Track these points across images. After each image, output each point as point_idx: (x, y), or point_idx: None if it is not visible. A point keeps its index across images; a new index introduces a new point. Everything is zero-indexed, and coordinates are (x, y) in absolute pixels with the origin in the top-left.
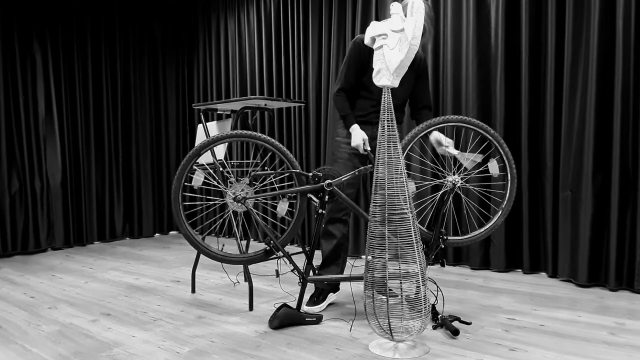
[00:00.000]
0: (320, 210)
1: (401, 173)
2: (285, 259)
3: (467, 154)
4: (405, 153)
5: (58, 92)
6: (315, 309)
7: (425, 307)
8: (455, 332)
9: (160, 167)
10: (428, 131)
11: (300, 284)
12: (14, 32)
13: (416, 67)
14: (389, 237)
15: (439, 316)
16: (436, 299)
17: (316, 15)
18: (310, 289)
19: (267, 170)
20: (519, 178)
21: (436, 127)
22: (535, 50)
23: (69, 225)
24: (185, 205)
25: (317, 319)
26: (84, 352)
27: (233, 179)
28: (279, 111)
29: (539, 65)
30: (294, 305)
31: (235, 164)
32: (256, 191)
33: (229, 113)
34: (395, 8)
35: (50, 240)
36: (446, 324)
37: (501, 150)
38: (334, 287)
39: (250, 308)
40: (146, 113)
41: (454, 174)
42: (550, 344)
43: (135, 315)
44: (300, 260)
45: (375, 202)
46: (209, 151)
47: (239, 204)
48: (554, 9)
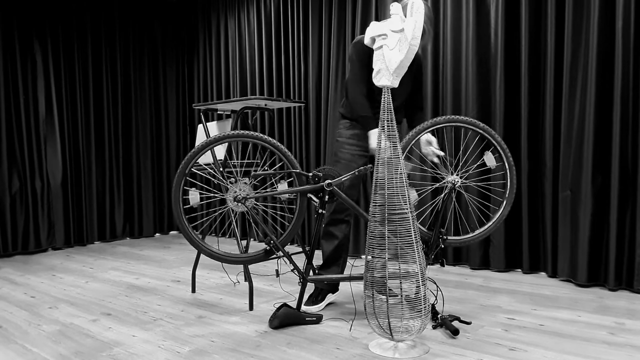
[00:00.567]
0: (320, 210)
1: (401, 173)
2: (285, 258)
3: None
4: (405, 153)
5: (58, 92)
6: (313, 309)
7: (425, 307)
8: (455, 332)
9: (160, 167)
10: (428, 131)
11: (300, 283)
12: (14, 32)
13: (415, 69)
14: (388, 237)
15: (439, 316)
16: (436, 299)
17: (316, 15)
18: (309, 288)
19: (267, 170)
20: (518, 178)
21: (436, 127)
22: (535, 50)
23: (69, 225)
24: (185, 205)
25: (317, 319)
26: (85, 352)
27: (233, 179)
28: (279, 111)
29: (539, 65)
30: (294, 305)
31: (235, 164)
32: (256, 191)
33: (229, 113)
34: (395, 8)
35: (51, 240)
36: (446, 324)
37: (494, 142)
38: (333, 288)
39: (251, 308)
40: (146, 113)
41: (453, 174)
42: (550, 344)
43: (135, 315)
44: (300, 260)
45: (375, 202)
46: (209, 151)
47: (239, 204)
48: (553, 9)
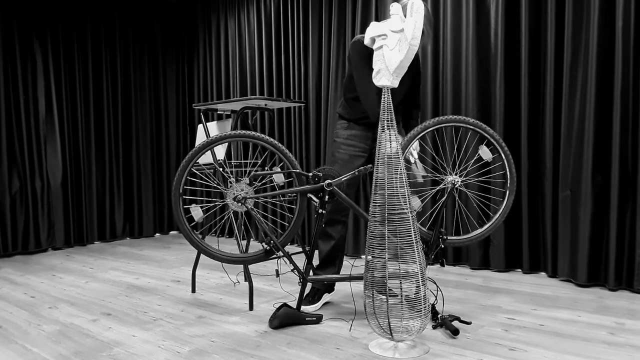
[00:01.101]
0: (320, 210)
1: (401, 173)
2: (285, 258)
3: (420, 165)
4: (405, 154)
5: (58, 92)
6: (310, 309)
7: (425, 307)
8: (455, 332)
9: (160, 167)
10: (428, 131)
11: (300, 283)
12: (14, 32)
13: (415, 70)
14: (388, 237)
15: (439, 316)
16: (436, 299)
17: (316, 15)
18: (308, 288)
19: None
20: (518, 178)
21: (436, 128)
22: (535, 50)
23: (69, 225)
24: (185, 205)
25: (317, 319)
26: (85, 352)
27: (233, 179)
28: (279, 111)
29: (539, 65)
30: (294, 305)
31: (235, 164)
32: (256, 191)
33: (229, 113)
34: (394, 8)
35: (51, 240)
36: (446, 324)
37: (487, 135)
38: (329, 287)
39: (251, 308)
40: (146, 113)
41: (452, 174)
42: (550, 344)
43: (135, 315)
44: (300, 260)
45: (375, 202)
46: (209, 151)
47: (240, 204)
48: (553, 9)
